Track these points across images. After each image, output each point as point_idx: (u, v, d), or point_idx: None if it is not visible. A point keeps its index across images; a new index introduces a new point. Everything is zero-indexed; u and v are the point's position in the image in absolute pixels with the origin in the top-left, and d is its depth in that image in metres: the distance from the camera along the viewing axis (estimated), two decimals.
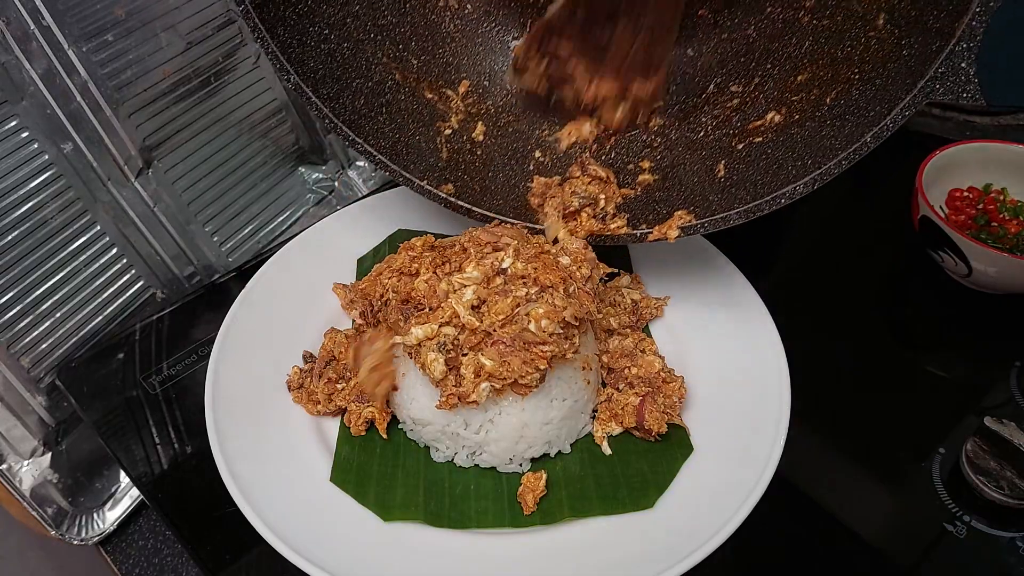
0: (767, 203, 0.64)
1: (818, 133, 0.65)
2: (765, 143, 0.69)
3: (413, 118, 0.76)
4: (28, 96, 0.68)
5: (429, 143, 0.76)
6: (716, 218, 0.66)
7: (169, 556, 0.69)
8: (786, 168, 0.65)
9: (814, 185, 0.62)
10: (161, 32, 0.76)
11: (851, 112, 0.63)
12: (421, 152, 0.75)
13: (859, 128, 0.61)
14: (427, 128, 0.76)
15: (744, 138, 0.71)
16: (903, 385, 0.74)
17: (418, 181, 0.73)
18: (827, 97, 0.66)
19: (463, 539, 0.59)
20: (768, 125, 0.70)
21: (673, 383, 0.66)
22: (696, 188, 0.71)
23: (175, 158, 0.81)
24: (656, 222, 0.69)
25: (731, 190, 0.68)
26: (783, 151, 0.67)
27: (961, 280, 0.79)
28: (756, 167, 0.68)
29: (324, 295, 0.77)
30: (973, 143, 0.83)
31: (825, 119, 0.65)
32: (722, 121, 0.74)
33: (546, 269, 0.62)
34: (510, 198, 0.75)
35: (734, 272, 0.74)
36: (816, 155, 0.63)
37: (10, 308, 0.71)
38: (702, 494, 0.59)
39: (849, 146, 0.61)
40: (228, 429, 0.63)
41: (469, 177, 0.76)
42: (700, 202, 0.69)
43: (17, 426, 0.72)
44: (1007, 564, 0.60)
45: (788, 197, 0.63)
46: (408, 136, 0.75)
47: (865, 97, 0.63)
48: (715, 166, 0.71)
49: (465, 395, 0.59)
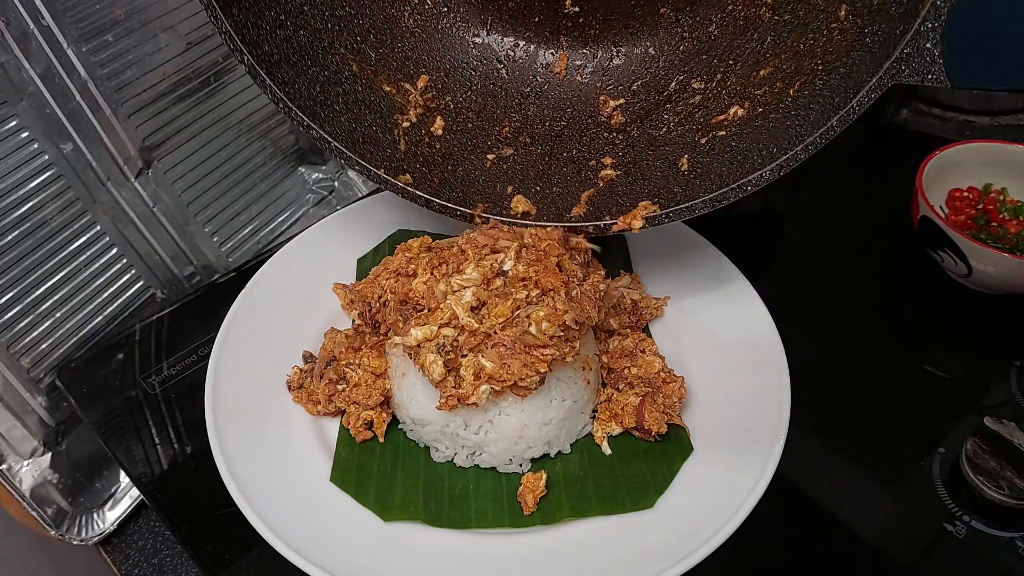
0: (732, 191, 0.64)
1: (783, 123, 0.64)
2: (729, 136, 0.69)
3: (370, 109, 0.75)
4: (28, 96, 0.68)
5: (386, 134, 0.75)
6: (681, 207, 0.66)
7: (169, 556, 0.69)
8: (751, 158, 0.65)
9: (780, 171, 0.62)
10: (161, 32, 0.76)
11: (816, 101, 0.63)
12: (378, 143, 0.74)
13: (824, 114, 0.61)
14: (384, 120, 0.75)
15: (707, 132, 0.70)
16: (903, 385, 0.74)
17: (375, 170, 0.72)
18: (790, 89, 0.66)
19: (463, 539, 0.59)
20: (731, 119, 0.69)
21: (673, 383, 0.66)
22: (660, 181, 0.70)
23: (175, 158, 0.81)
24: (620, 214, 0.69)
25: (695, 181, 0.67)
26: (747, 143, 0.66)
27: (961, 280, 0.79)
28: (720, 159, 0.67)
29: (324, 295, 0.77)
30: (973, 143, 0.83)
31: (789, 110, 0.65)
32: (684, 117, 0.73)
33: (547, 272, 0.62)
34: (470, 191, 0.74)
35: (734, 272, 0.74)
36: (781, 143, 0.63)
37: (10, 308, 0.71)
38: (702, 494, 0.59)
39: (815, 131, 0.61)
40: (228, 429, 0.63)
41: (427, 169, 0.75)
42: (664, 194, 0.68)
43: (17, 426, 0.72)
44: (1007, 564, 0.60)
45: (754, 184, 0.63)
46: (365, 126, 0.74)
47: (829, 86, 0.62)
48: (678, 160, 0.70)
49: (465, 396, 0.60)
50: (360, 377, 0.67)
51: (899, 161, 0.91)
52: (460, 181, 0.75)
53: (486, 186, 0.75)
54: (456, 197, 0.73)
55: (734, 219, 0.91)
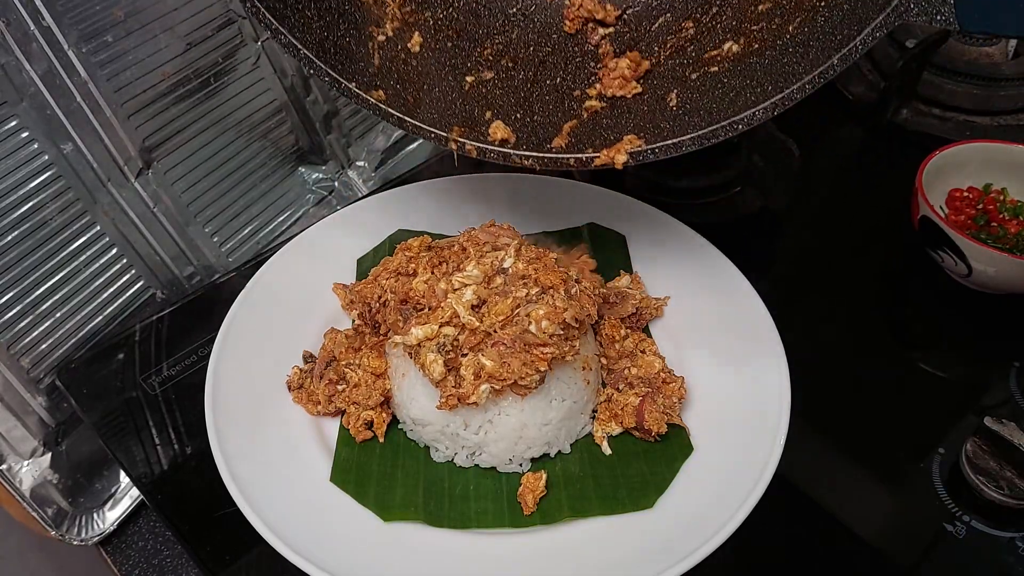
0: (723, 129, 0.60)
1: (779, 61, 0.62)
2: (721, 72, 0.66)
3: (344, 18, 0.70)
4: (28, 97, 0.68)
5: (360, 47, 0.70)
6: (667, 144, 0.62)
7: (169, 556, 0.69)
8: (744, 95, 0.62)
9: (774, 111, 0.59)
10: (161, 33, 0.76)
11: (815, 38, 0.60)
12: (351, 55, 0.70)
13: (825, 52, 0.58)
14: (359, 31, 0.71)
15: (699, 68, 0.68)
16: (903, 385, 0.74)
17: (346, 83, 0.68)
18: (789, 25, 0.63)
19: (463, 539, 0.59)
20: (725, 55, 0.67)
21: (673, 383, 0.66)
22: (646, 116, 0.67)
23: (175, 158, 0.81)
24: (603, 147, 0.65)
25: (684, 118, 0.64)
26: (740, 79, 0.63)
27: (961, 280, 0.79)
28: (711, 96, 0.64)
29: (324, 295, 0.77)
30: (973, 143, 0.83)
31: (787, 47, 0.62)
32: (676, 51, 0.70)
33: (547, 270, 0.62)
34: (446, 113, 0.71)
35: (734, 272, 0.74)
36: (776, 81, 0.60)
37: (10, 308, 0.71)
38: (702, 494, 0.59)
39: (814, 69, 0.57)
40: (228, 429, 0.63)
41: (402, 87, 0.71)
42: (651, 129, 0.65)
43: (17, 426, 0.72)
44: (1007, 564, 0.60)
45: (746, 123, 0.60)
46: (337, 36, 0.69)
47: (831, 23, 0.59)
48: (667, 95, 0.67)
49: (465, 396, 0.60)
50: (360, 377, 0.67)
51: (899, 161, 0.91)
52: (436, 102, 0.71)
53: (463, 109, 0.71)
54: (431, 119, 0.69)
55: (734, 219, 0.91)
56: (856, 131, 1.04)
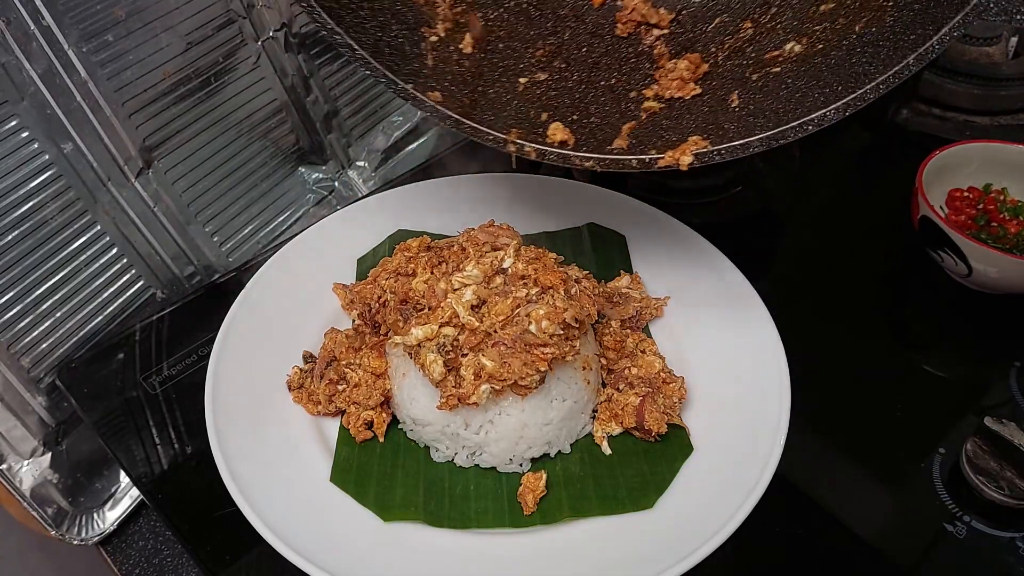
0: (791, 130, 0.59)
1: (847, 61, 0.60)
2: (784, 73, 0.64)
3: (396, 18, 0.69)
4: (28, 96, 0.68)
5: (414, 47, 0.69)
6: (735, 145, 0.60)
7: (169, 556, 0.69)
8: (811, 96, 0.60)
9: (846, 111, 0.57)
10: (161, 32, 0.75)
11: (886, 38, 0.58)
12: (405, 55, 0.69)
13: (898, 52, 0.56)
14: (411, 31, 0.70)
15: (759, 68, 0.66)
16: (903, 385, 0.74)
17: (402, 84, 0.67)
18: (856, 25, 0.61)
19: (463, 539, 0.59)
20: (787, 55, 0.65)
21: (673, 383, 0.66)
22: (708, 117, 0.65)
23: (175, 158, 0.81)
24: (666, 149, 0.63)
25: (748, 119, 0.63)
26: (806, 80, 0.62)
27: (961, 280, 0.79)
28: (775, 96, 0.63)
29: (324, 295, 0.77)
30: (973, 143, 0.83)
31: (855, 47, 0.60)
32: (734, 51, 0.69)
33: (547, 270, 0.62)
34: (503, 115, 0.70)
35: (734, 272, 0.74)
36: (847, 81, 0.58)
37: (10, 308, 0.71)
38: (702, 494, 0.59)
39: (888, 69, 0.56)
40: (228, 429, 0.63)
41: (457, 88, 0.70)
42: (714, 130, 0.63)
43: (17, 426, 0.72)
44: (1007, 564, 0.60)
45: (816, 124, 0.58)
46: (391, 36, 0.68)
47: (902, 23, 0.58)
48: (727, 96, 0.66)
49: (465, 396, 0.60)
50: (360, 377, 0.67)
51: (899, 161, 0.91)
52: (492, 103, 0.70)
53: (519, 111, 0.70)
54: (487, 120, 0.68)
55: (734, 219, 0.91)
56: (856, 131, 1.04)
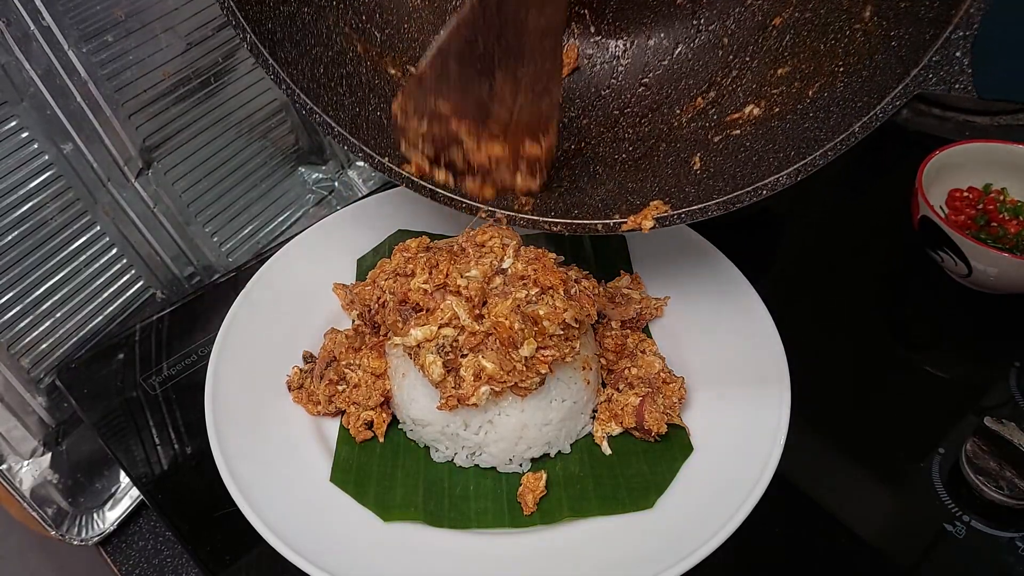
0: (747, 194, 0.61)
1: (800, 125, 0.62)
2: (743, 136, 0.66)
3: (375, 93, 0.72)
4: (28, 97, 0.68)
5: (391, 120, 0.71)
6: (694, 209, 0.63)
7: (169, 556, 0.69)
8: (767, 160, 0.62)
9: (797, 176, 0.60)
10: (161, 33, 0.76)
11: (836, 104, 0.61)
12: (383, 128, 0.71)
13: (845, 119, 0.59)
14: (389, 105, 0.72)
15: (721, 131, 0.68)
16: (903, 385, 0.74)
17: (379, 158, 0.70)
18: (809, 90, 0.64)
19: (463, 539, 0.59)
20: (747, 118, 0.67)
21: (673, 383, 0.66)
22: (671, 179, 0.68)
23: (175, 158, 0.81)
24: (629, 212, 0.66)
25: (708, 182, 0.65)
26: (763, 143, 0.64)
27: (961, 280, 0.79)
28: (734, 159, 0.65)
29: (324, 295, 0.77)
30: (973, 143, 0.83)
31: (808, 111, 0.63)
32: (697, 113, 0.71)
33: (546, 270, 0.62)
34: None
35: (734, 272, 0.74)
36: (799, 146, 0.61)
37: (10, 308, 0.71)
38: (702, 494, 0.59)
39: (835, 136, 0.58)
40: (228, 429, 0.63)
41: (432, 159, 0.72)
42: (676, 193, 0.66)
43: (17, 426, 0.72)
44: (1007, 564, 0.60)
45: (770, 188, 0.60)
46: (369, 111, 0.71)
47: (851, 89, 0.60)
48: (690, 158, 0.68)
49: (465, 397, 0.60)
50: (360, 378, 0.67)
51: (899, 161, 0.91)
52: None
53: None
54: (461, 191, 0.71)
55: (734, 220, 0.91)
56: None
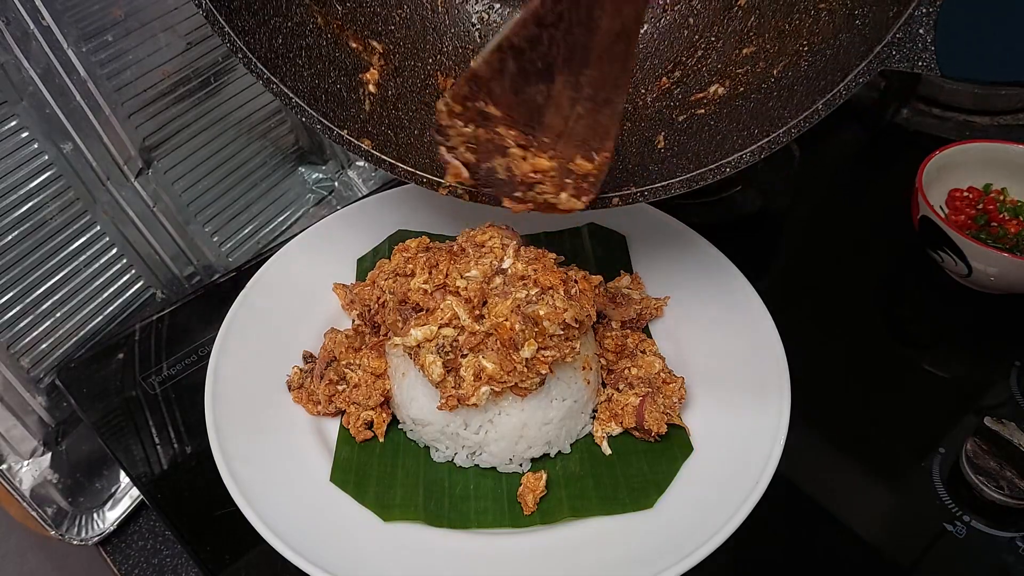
0: (711, 172, 0.61)
1: (764, 104, 0.63)
2: (708, 115, 0.66)
3: (335, 66, 0.71)
4: (28, 96, 0.68)
5: (351, 93, 0.71)
6: (656, 186, 0.63)
7: (169, 556, 0.69)
8: (731, 138, 0.62)
9: (761, 154, 0.59)
10: (160, 32, 0.76)
11: (800, 83, 0.61)
12: (342, 101, 0.70)
13: (809, 97, 0.58)
14: (349, 78, 0.72)
15: (685, 110, 0.68)
16: (903, 385, 0.74)
17: (337, 130, 0.68)
18: (774, 69, 0.64)
19: (463, 539, 0.59)
20: (711, 97, 0.67)
21: (673, 383, 0.66)
22: (635, 158, 0.68)
23: (175, 158, 0.81)
24: None
25: (672, 160, 0.65)
26: (727, 122, 0.64)
27: (961, 280, 0.79)
28: (698, 138, 0.65)
29: (324, 295, 0.77)
30: (973, 143, 0.83)
31: (772, 91, 0.63)
32: (662, 93, 0.71)
33: (546, 271, 0.62)
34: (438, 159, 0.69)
35: (734, 272, 0.74)
36: (763, 125, 0.61)
37: (10, 308, 0.71)
38: (702, 494, 0.59)
39: (799, 114, 0.58)
40: (228, 429, 0.63)
41: (393, 133, 0.71)
42: (639, 172, 0.66)
43: (17, 426, 0.72)
44: (1007, 564, 0.60)
45: (733, 166, 0.60)
46: (329, 83, 0.70)
47: (815, 68, 0.61)
48: (654, 137, 0.68)
49: (465, 397, 0.60)
50: (360, 377, 0.67)
51: (899, 161, 0.91)
52: (428, 148, 0.71)
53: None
54: (423, 164, 0.70)
55: (734, 219, 0.91)
56: (856, 131, 1.04)
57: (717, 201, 0.92)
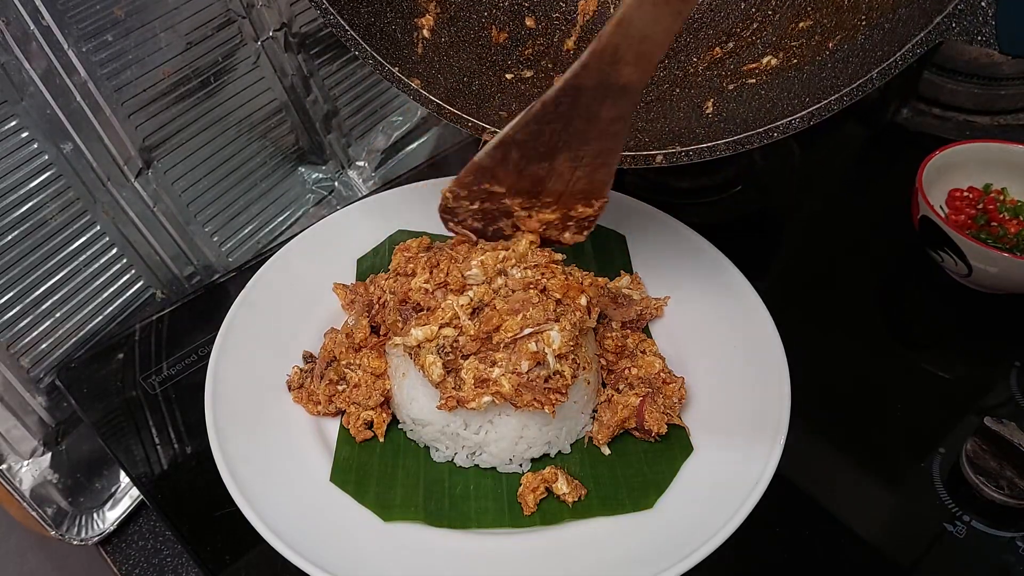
0: (758, 135, 0.60)
1: (817, 75, 0.62)
2: (759, 84, 0.66)
3: (392, 7, 0.73)
4: (28, 96, 0.68)
5: (405, 36, 0.73)
6: (702, 147, 0.62)
7: (169, 556, 0.69)
8: (780, 106, 0.62)
9: (811, 120, 0.59)
10: (161, 32, 0.75)
11: (855, 55, 0.60)
12: (396, 42, 0.72)
13: (864, 67, 0.58)
14: (405, 21, 0.73)
15: (736, 79, 0.68)
16: (903, 385, 0.74)
17: (388, 66, 0.70)
18: (829, 42, 0.64)
19: (463, 539, 0.59)
20: (763, 68, 0.67)
21: (673, 384, 0.66)
22: (682, 121, 0.68)
23: (175, 158, 0.81)
24: (638, 149, 0.66)
25: (719, 124, 0.65)
26: (777, 91, 0.64)
27: (961, 280, 0.79)
28: (748, 106, 0.65)
29: (324, 295, 0.77)
30: (973, 143, 0.83)
31: (826, 62, 0.62)
32: (714, 62, 0.71)
33: (567, 284, 0.62)
34: (485, 106, 0.72)
35: (734, 272, 0.74)
36: (815, 93, 0.60)
37: (10, 308, 0.71)
38: (702, 494, 0.59)
39: (852, 83, 0.58)
40: (228, 429, 0.63)
41: (443, 77, 0.73)
42: (686, 134, 0.66)
43: (17, 426, 0.72)
44: (1007, 564, 0.60)
45: (781, 131, 0.60)
46: (384, 23, 0.72)
47: (872, 41, 0.60)
48: (703, 103, 0.68)
49: (465, 400, 0.59)
50: (360, 377, 0.67)
51: (899, 161, 0.91)
52: (475, 95, 0.72)
53: (502, 104, 0.73)
54: (469, 108, 0.71)
55: (734, 219, 0.91)
56: (856, 131, 1.04)
57: (717, 201, 0.92)
